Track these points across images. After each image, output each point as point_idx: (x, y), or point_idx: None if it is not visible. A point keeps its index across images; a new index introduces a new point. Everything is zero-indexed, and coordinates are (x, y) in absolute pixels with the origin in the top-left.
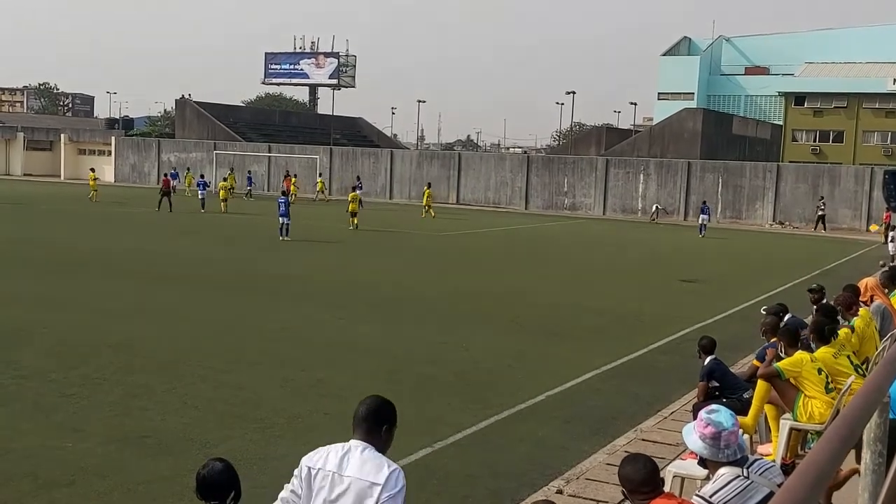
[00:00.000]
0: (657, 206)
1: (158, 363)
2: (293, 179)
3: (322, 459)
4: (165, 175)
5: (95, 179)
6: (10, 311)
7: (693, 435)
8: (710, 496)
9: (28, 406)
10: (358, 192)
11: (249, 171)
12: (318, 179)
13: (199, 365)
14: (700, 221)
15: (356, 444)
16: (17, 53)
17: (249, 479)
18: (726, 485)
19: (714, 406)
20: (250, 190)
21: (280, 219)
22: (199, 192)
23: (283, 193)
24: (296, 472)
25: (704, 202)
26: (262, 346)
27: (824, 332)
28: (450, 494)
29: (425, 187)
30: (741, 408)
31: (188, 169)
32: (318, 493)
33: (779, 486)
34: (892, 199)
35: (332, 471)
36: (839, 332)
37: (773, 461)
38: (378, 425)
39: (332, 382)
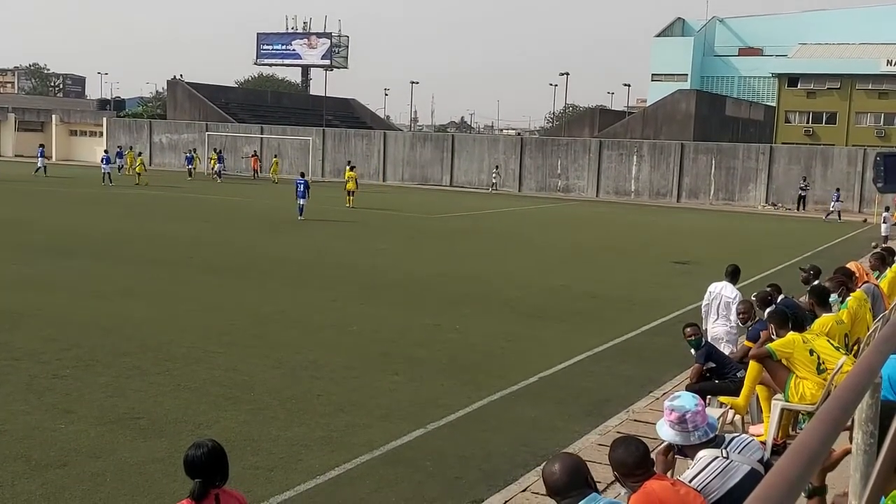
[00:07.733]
0: (496, 174)
1: (151, 345)
2: (257, 157)
3: (717, 287)
4: None
5: None
6: (1, 293)
7: (664, 426)
8: (690, 480)
9: (20, 388)
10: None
11: (189, 151)
12: (211, 154)
13: (192, 347)
14: (833, 208)
15: (724, 283)
16: (7, 34)
17: (242, 460)
18: (706, 467)
19: (676, 393)
20: (191, 169)
21: (298, 200)
22: (103, 166)
23: (301, 175)
24: (706, 295)
25: (838, 189)
26: (256, 329)
27: (785, 320)
28: (443, 475)
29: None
30: (735, 388)
31: (131, 147)
32: (713, 302)
33: (759, 461)
34: (878, 179)
35: (719, 293)
36: (815, 321)
37: (750, 436)
38: (737, 275)
39: (326, 364)
